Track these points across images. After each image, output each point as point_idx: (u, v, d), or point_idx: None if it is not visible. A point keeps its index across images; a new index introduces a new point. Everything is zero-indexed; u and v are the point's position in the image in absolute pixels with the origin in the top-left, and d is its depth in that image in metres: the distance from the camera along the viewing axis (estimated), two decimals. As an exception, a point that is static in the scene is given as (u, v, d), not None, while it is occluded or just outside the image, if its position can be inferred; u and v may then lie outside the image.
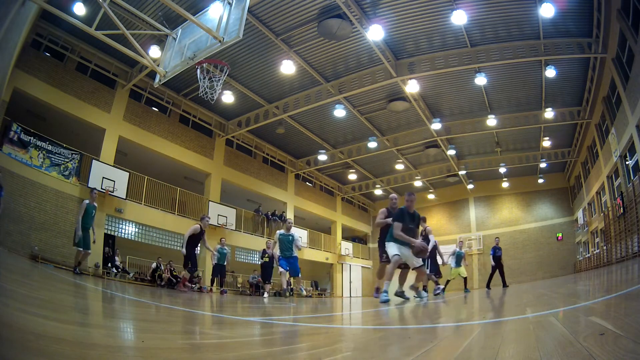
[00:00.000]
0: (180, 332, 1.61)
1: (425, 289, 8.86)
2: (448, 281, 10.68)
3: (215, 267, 10.91)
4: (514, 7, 9.75)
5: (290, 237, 8.01)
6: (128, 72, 12.26)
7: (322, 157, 18.06)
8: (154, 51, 9.82)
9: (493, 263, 11.12)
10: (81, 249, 7.50)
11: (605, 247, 13.82)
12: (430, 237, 8.63)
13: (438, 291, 8.27)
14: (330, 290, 20.97)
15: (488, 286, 11.51)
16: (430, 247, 8.61)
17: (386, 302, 4.94)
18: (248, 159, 17.04)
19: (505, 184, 21.31)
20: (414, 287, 5.87)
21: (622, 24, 8.80)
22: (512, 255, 19.40)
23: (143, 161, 13.81)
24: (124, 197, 11.63)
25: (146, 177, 12.74)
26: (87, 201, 7.72)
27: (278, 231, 8.19)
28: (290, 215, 18.64)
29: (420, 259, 5.33)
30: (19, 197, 9.20)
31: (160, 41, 9.68)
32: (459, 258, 10.63)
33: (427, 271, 8.68)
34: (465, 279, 10.78)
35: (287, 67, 11.52)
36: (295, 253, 8.08)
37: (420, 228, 8.55)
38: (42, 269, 7.01)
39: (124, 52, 7.15)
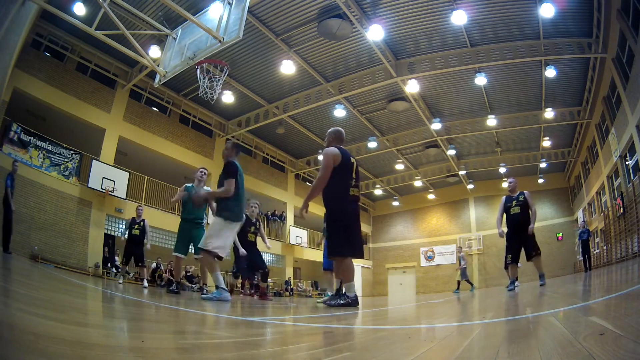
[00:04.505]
0: (180, 332, 1.61)
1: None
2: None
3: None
4: (514, 7, 9.76)
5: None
6: (128, 72, 12.27)
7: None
8: (154, 51, 9.82)
9: (580, 248, 11.16)
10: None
11: (605, 247, 13.83)
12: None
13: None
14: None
15: (588, 268, 11.37)
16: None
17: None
18: (248, 158, 17.04)
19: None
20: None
21: (622, 24, 8.81)
22: (512, 255, 19.32)
23: (143, 161, 13.81)
24: (124, 197, 11.64)
25: (146, 177, 12.75)
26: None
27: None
28: (290, 215, 18.64)
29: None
30: (19, 197, 9.19)
31: (160, 41, 9.68)
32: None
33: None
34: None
35: (287, 67, 11.52)
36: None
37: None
38: (42, 269, 7.01)
39: (124, 52, 7.17)
